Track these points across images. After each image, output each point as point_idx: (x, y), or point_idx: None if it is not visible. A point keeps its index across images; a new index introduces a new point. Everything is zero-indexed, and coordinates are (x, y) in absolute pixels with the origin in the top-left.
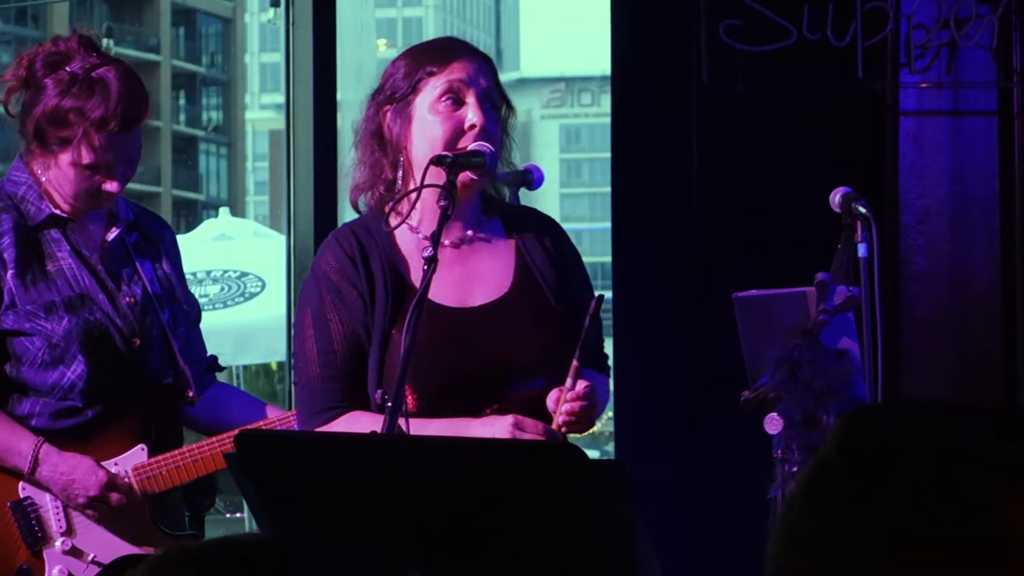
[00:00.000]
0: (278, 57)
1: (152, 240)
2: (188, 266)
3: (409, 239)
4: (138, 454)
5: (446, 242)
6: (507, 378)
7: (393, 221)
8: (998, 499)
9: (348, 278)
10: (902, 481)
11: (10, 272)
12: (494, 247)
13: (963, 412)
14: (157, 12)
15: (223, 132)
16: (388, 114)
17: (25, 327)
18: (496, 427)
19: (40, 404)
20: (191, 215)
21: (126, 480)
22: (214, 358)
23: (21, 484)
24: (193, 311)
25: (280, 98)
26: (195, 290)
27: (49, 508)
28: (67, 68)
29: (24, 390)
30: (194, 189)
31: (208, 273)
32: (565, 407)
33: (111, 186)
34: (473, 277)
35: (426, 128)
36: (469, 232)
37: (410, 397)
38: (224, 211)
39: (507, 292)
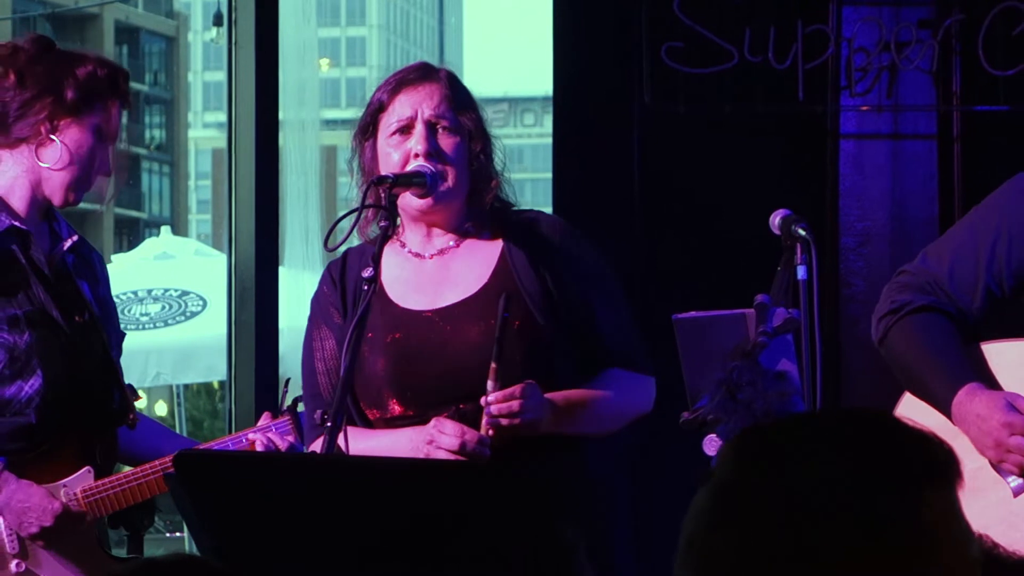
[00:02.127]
0: (221, 76)
1: (87, 262)
2: (129, 284)
3: (395, 251)
4: (85, 476)
5: (428, 255)
6: (468, 376)
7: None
8: (914, 495)
9: (332, 301)
10: (811, 492)
11: None
12: (478, 252)
13: (851, 418)
14: (100, 31)
15: (166, 150)
16: (365, 148)
17: None
18: (421, 434)
19: None
20: (133, 233)
21: (77, 506)
22: (131, 386)
23: None
24: (121, 336)
25: (223, 117)
26: (136, 308)
27: (2, 531)
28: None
29: None
30: (136, 207)
31: (149, 292)
32: (487, 410)
33: (107, 168)
34: (449, 280)
35: (385, 160)
36: (452, 243)
37: (394, 403)
38: (165, 230)
39: (477, 291)
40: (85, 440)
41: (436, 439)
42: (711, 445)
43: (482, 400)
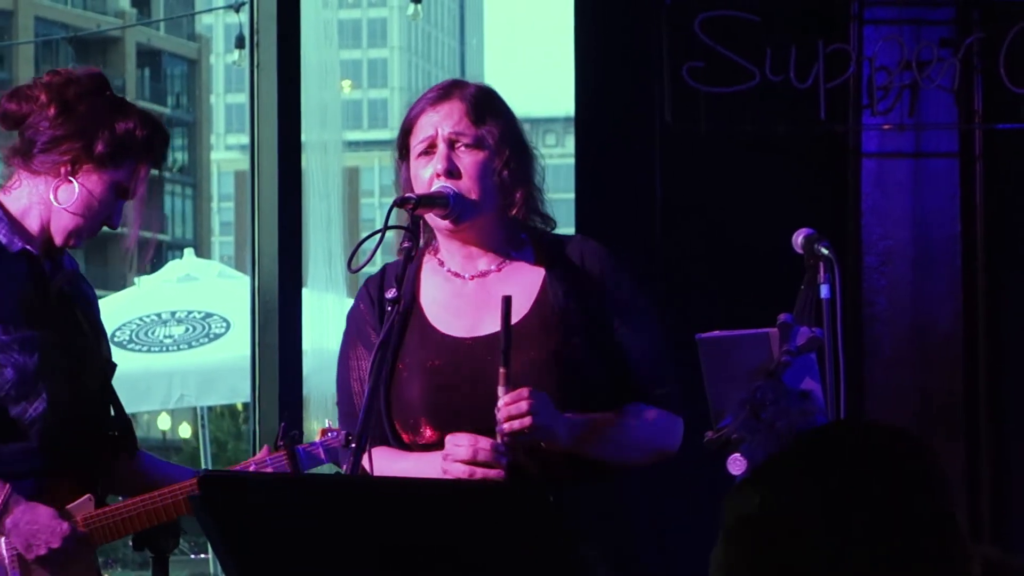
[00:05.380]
0: (243, 98)
1: (82, 293)
2: (153, 307)
3: (434, 269)
4: (86, 504)
5: (467, 275)
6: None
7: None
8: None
9: (368, 319)
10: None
11: None
12: (519, 278)
13: (858, 440)
14: (123, 53)
15: (188, 173)
16: (402, 169)
17: None
18: (436, 458)
19: None
20: (156, 256)
21: (84, 531)
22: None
23: None
24: (113, 367)
25: (245, 139)
26: (159, 331)
27: (4, 554)
28: (120, 97)
29: None
30: (159, 229)
31: (173, 314)
32: (499, 416)
33: (115, 222)
34: (490, 306)
35: (417, 181)
36: (493, 266)
37: (427, 428)
38: (189, 252)
39: (518, 321)
40: (86, 467)
41: (451, 452)
42: (735, 464)
43: (496, 410)
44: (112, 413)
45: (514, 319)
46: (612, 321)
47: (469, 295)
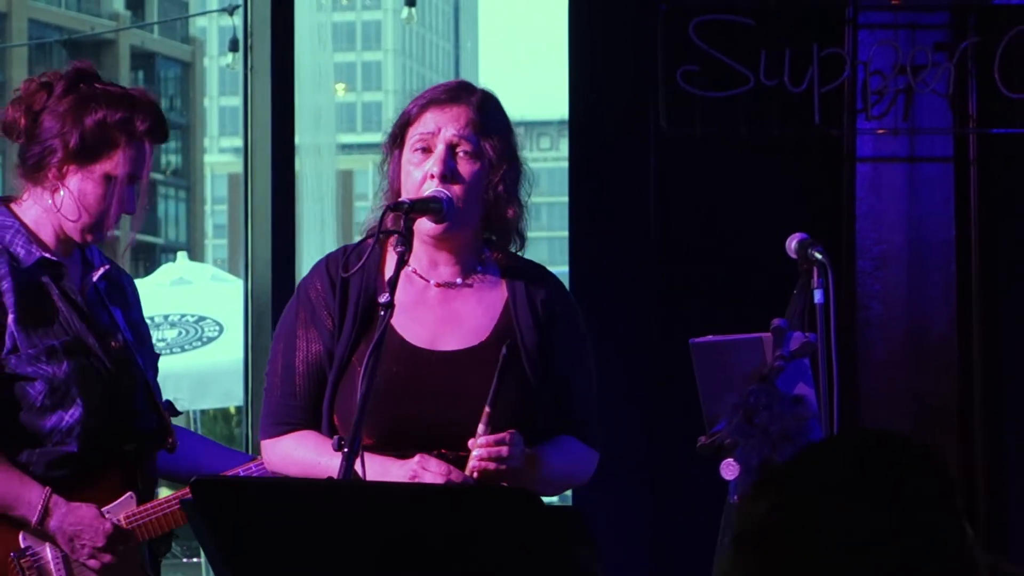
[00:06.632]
0: (237, 101)
1: (119, 287)
2: (146, 310)
3: (397, 265)
4: (128, 502)
5: (432, 282)
6: (455, 427)
7: (353, 266)
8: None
9: (325, 302)
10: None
11: (11, 316)
12: (482, 296)
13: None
14: (116, 56)
15: (182, 175)
16: (392, 157)
17: (27, 371)
18: (404, 468)
19: (36, 454)
20: (149, 259)
21: (127, 528)
22: (170, 403)
23: (21, 534)
24: (156, 358)
25: (239, 142)
26: (152, 334)
27: (50, 559)
28: (96, 86)
29: (20, 438)
30: (152, 233)
31: (166, 317)
32: (475, 453)
33: (130, 207)
34: (452, 321)
35: (405, 176)
36: (459, 278)
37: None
38: (182, 255)
39: (480, 343)
40: (126, 466)
41: (419, 475)
42: (728, 469)
43: (470, 443)
44: (153, 408)
45: (475, 340)
46: (559, 354)
47: (431, 303)
